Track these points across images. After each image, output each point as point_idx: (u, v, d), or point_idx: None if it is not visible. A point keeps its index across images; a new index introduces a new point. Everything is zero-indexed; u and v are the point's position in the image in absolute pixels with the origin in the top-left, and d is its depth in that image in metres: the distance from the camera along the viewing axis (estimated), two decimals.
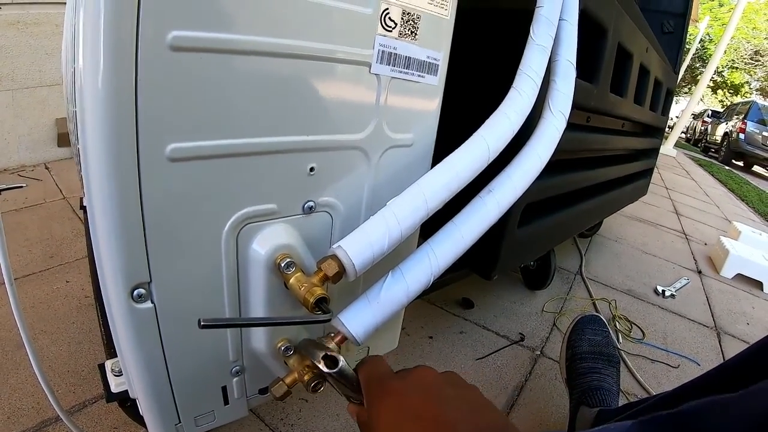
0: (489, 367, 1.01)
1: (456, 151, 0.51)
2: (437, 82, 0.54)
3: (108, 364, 0.62)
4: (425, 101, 0.55)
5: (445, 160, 0.51)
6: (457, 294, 1.29)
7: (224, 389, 0.54)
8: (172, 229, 0.40)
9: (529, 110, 0.60)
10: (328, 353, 0.43)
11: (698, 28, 8.81)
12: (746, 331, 1.48)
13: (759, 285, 1.92)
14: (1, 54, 1.74)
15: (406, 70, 0.50)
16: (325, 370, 0.42)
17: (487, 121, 0.55)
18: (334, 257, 0.45)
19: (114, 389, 0.58)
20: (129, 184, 0.36)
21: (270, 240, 0.47)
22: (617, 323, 1.32)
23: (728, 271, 1.97)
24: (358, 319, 0.47)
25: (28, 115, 1.87)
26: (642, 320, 1.38)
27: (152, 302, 0.42)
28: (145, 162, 0.36)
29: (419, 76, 0.52)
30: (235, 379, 0.55)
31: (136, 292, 0.41)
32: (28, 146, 1.89)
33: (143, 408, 0.50)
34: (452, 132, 0.59)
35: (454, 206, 0.56)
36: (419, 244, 0.53)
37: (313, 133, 0.46)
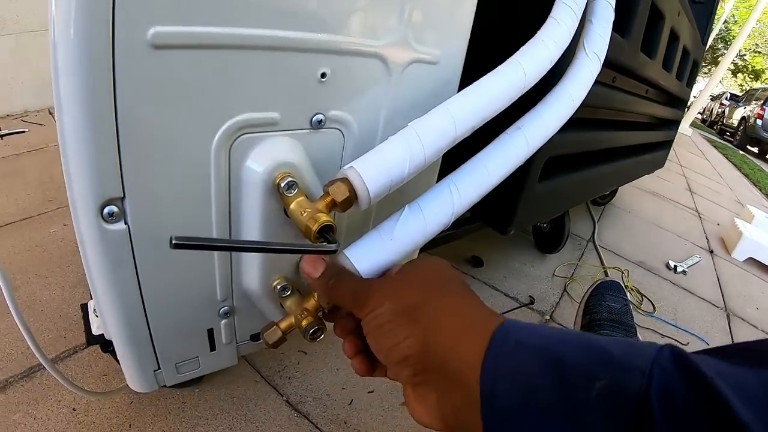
0: None
1: (489, 74, 0.46)
2: None
3: (91, 303, 0.56)
4: (456, 14, 0.48)
5: (477, 82, 0.45)
6: (466, 251, 1.24)
7: (210, 333, 0.48)
8: (152, 133, 0.34)
9: (568, 42, 0.54)
10: None
11: (723, 9, 8.49)
12: (755, 316, 1.44)
13: None
14: None
15: None
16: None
17: (524, 48, 0.49)
18: (345, 180, 0.38)
19: (95, 331, 0.53)
20: (100, 73, 0.29)
21: (269, 155, 0.40)
22: (629, 294, 1.29)
23: (740, 253, 1.93)
24: (367, 255, 0.40)
25: (32, 60, 1.80)
26: (653, 294, 1.34)
27: (126, 223, 0.36)
28: (122, 47, 0.29)
29: None
30: (223, 322, 0.48)
31: (106, 210, 0.34)
32: (32, 91, 1.84)
33: (118, 351, 0.44)
34: (479, 61, 0.54)
35: (477, 145, 0.51)
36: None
37: (327, 32, 0.38)
